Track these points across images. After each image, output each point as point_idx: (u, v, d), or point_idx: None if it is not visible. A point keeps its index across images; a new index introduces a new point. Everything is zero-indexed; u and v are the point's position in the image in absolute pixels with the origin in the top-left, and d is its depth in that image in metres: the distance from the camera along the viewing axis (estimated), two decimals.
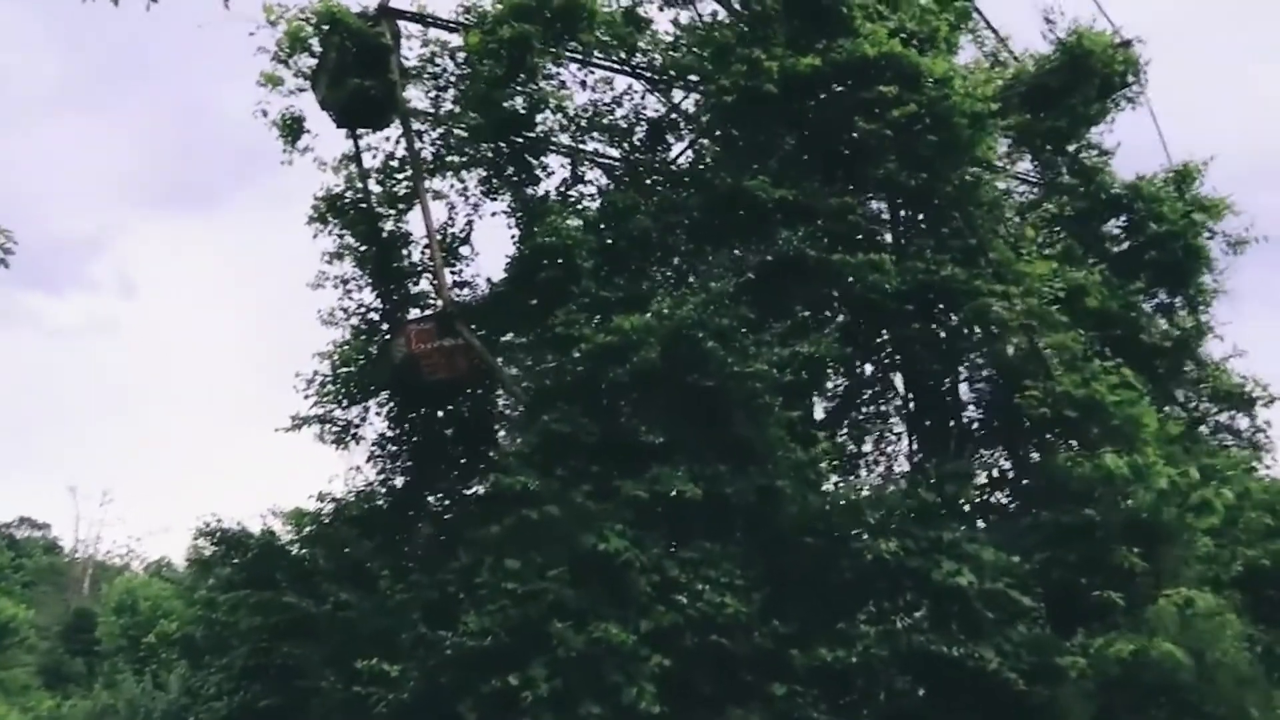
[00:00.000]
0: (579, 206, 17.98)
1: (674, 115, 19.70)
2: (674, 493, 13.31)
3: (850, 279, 16.84)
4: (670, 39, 19.82)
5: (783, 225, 17.14)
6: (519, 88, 17.13)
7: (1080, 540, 13.94)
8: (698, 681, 12.11)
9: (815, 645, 12.30)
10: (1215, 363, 22.31)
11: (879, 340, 17.93)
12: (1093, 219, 23.96)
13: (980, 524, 13.74)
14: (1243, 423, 22.39)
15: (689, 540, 13.57)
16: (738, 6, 19.61)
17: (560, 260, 16.16)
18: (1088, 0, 27.27)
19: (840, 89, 18.60)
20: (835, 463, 16.89)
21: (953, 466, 14.31)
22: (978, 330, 17.73)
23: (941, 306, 17.84)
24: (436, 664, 12.18)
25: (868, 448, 20.25)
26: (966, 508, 14.31)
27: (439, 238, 18.05)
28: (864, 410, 20.37)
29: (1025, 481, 17.04)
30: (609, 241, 16.78)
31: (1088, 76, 24.34)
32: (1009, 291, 17.06)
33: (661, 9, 20.80)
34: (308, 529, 17.15)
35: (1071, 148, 24.99)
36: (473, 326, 16.51)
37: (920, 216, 18.97)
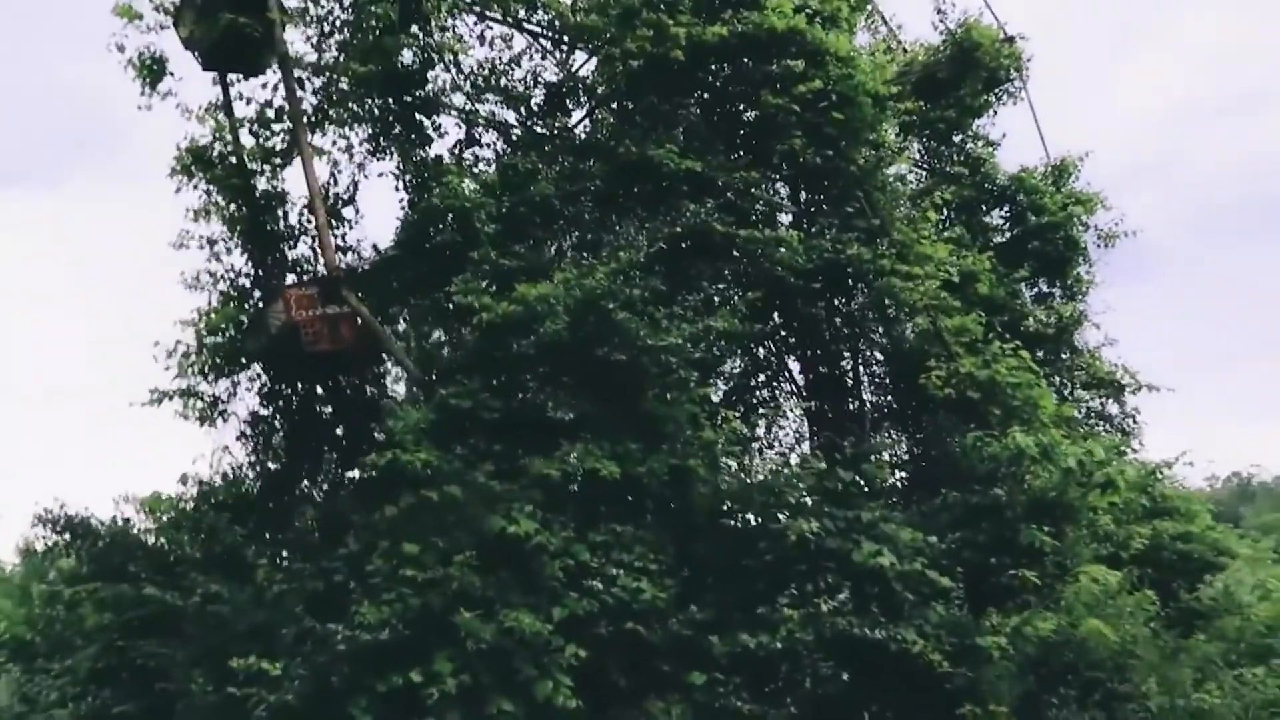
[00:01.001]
0: (475, 170, 16.86)
1: (573, 81, 18.79)
2: (584, 472, 12.50)
3: (758, 255, 16.46)
4: (569, 3, 18.98)
5: (688, 198, 16.58)
6: (411, 39, 15.88)
7: (989, 520, 13.88)
8: (613, 672, 11.34)
9: (735, 631, 11.73)
10: (1090, 350, 23.10)
11: (782, 319, 17.51)
12: (978, 208, 24.54)
13: (889, 505, 13.41)
14: (1113, 409, 23.30)
15: (597, 523, 12.76)
16: None
17: (457, 224, 15.05)
18: None
19: (746, 62, 18.16)
20: (735, 445, 16.45)
21: (868, 445, 13.99)
22: (879, 311, 17.62)
23: (847, 286, 17.66)
24: (325, 661, 10.97)
25: (760, 430, 19.95)
26: (872, 488, 14.00)
27: (321, 197, 16.60)
28: (758, 393, 20.04)
29: (924, 463, 16.99)
30: (507, 207, 15.72)
31: (975, 69, 24.90)
32: (912, 272, 16.99)
33: None
34: (168, 515, 15.45)
35: (958, 138, 25.57)
36: (358, 295, 15.18)
37: (821, 195, 18.68)
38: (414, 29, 16.12)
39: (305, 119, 16.88)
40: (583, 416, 13.26)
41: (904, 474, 17.34)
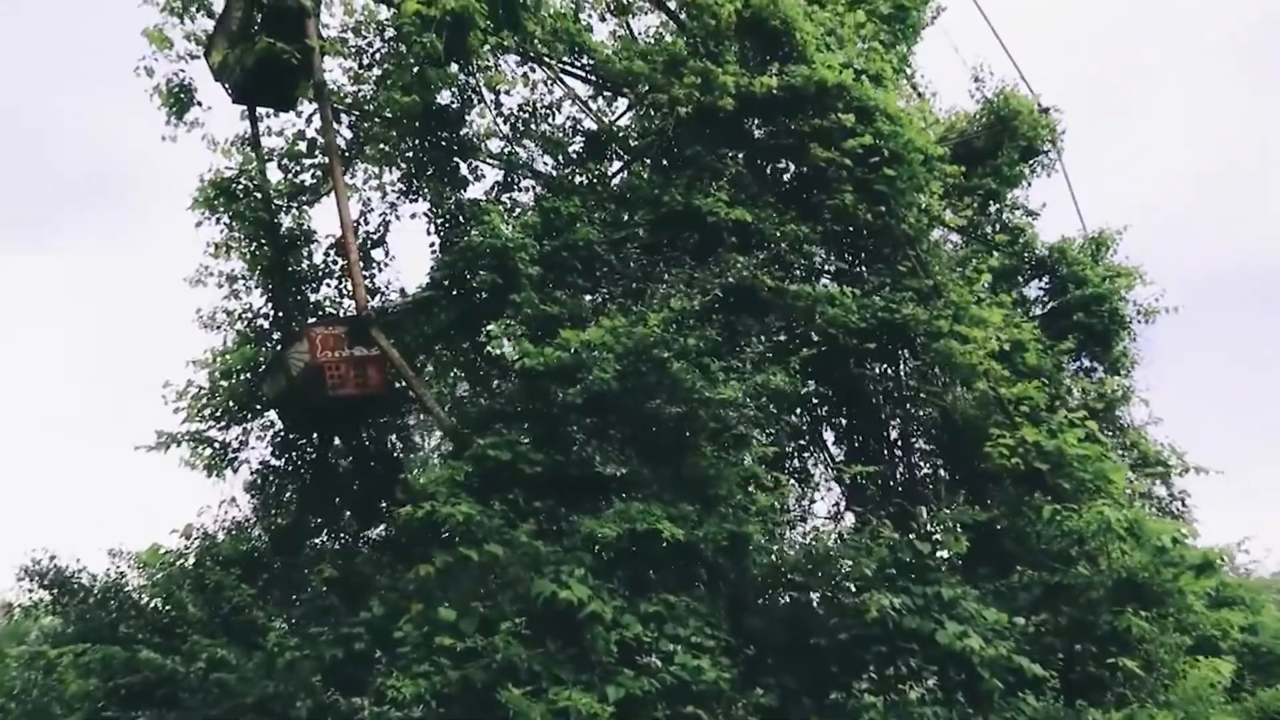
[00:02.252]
0: (515, 213, 16.00)
1: (613, 128, 18.09)
2: (637, 535, 11.30)
3: (810, 312, 15.56)
4: (612, 48, 18.42)
5: (735, 250, 15.76)
6: (453, 74, 15.12)
7: (1070, 601, 12.68)
8: None
9: (806, 718, 10.41)
10: (1136, 429, 22.09)
11: (821, 381, 16.52)
12: (1016, 278, 23.83)
13: (960, 582, 12.18)
14: (1160, 490, 22.19)
15: (645, 590, 11.52)
16: (687, 20, 18.30)
17: (496, 266, 14.08)
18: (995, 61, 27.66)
19: (793, 115, 17.53)
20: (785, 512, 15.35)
21: (952, 514, 12.83)
22: (934, 375, 16.65)
23: (898, 348, 16.71)
24: None
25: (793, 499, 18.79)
26: (945, 563, 12.80)
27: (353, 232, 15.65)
28: (792, 460, 18.94)
29: (988, 537, 15.79)
30: (549, 250, 14.79)
31: (1012, 139, 24.44)
32: (972, 335, 16.09)
33: (604, 18, 19.46)
34: (166, 571, 14.10)
35: (994, 207, 25.01)
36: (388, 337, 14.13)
37: (867, 253, 17.87)
38: (455, 65, 15.35)
39: (339, 152, 16.14)
40: (632, 473, 12.11)
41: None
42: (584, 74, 17.81)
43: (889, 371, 16.84)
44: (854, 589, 11.48)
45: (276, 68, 14.95)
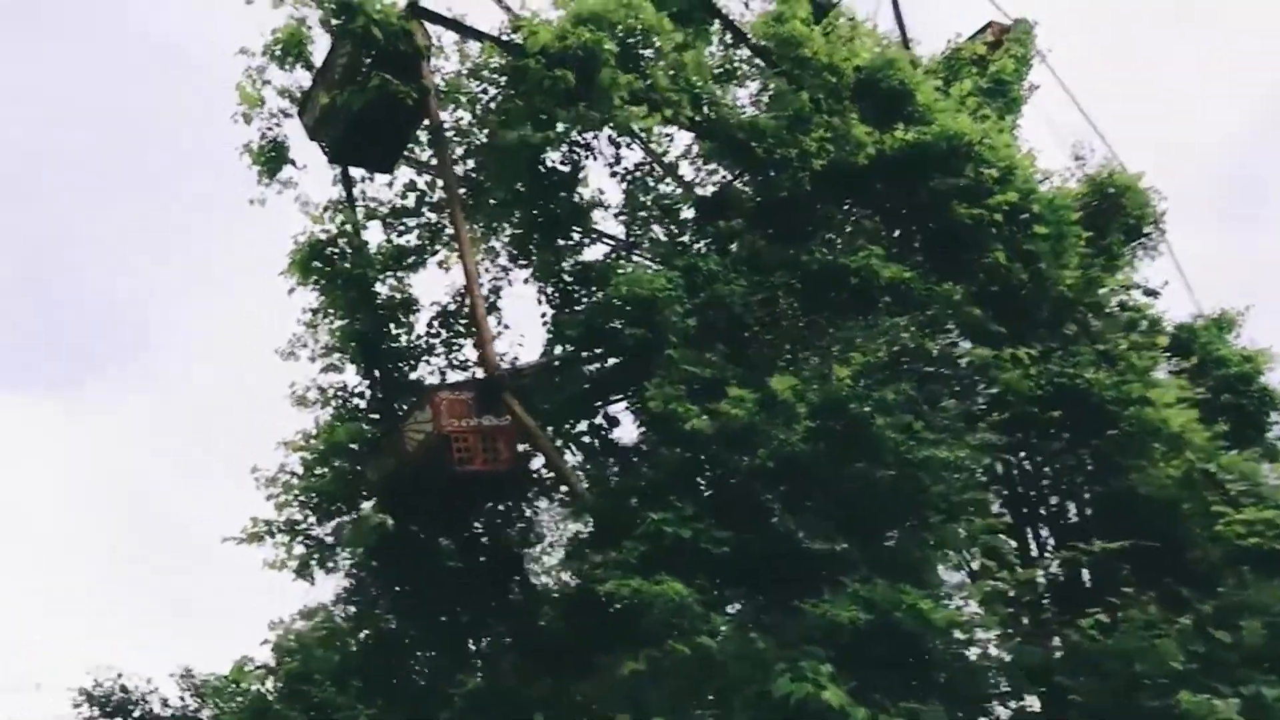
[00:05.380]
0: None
1: (740, 183, 16.60)
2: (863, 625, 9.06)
3: (987, 377, 13.71)
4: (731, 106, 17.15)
5: (888, 310, 14.03)
6: (582, 113, 13.56)
7: None
8: None
9: None
10: None
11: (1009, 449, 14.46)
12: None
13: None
14: None
15: (870, 692, 9.17)
16: (807, 79, 17.08)
17: (643, 321, 12.27)
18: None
19: (925, 173, 16.11)
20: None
21: (1242, 598, 10.56)
22: (1125, 446, 14.55)
23: (1080, 415, 14.68)
24: None
25: None
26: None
27: (462, 299, 13.97)
28: None
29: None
30: (695, 306, 13.00)
31: (1118, 216, 23.11)
32: (1164, 400, 14.16)
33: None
34: (249, 698, 11.76)
35: (1104, 289, 23.42)
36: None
37: (1025, 315, 16.10)
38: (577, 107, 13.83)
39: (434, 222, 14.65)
40: (840, 549, 9.95)
41: None
42: (703, 128, 16.41)
43: (1067, 442, 14.75)
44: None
45: (378, 125, 13.60)
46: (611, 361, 13.79)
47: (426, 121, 13.64)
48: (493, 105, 14.28)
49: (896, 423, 10.68)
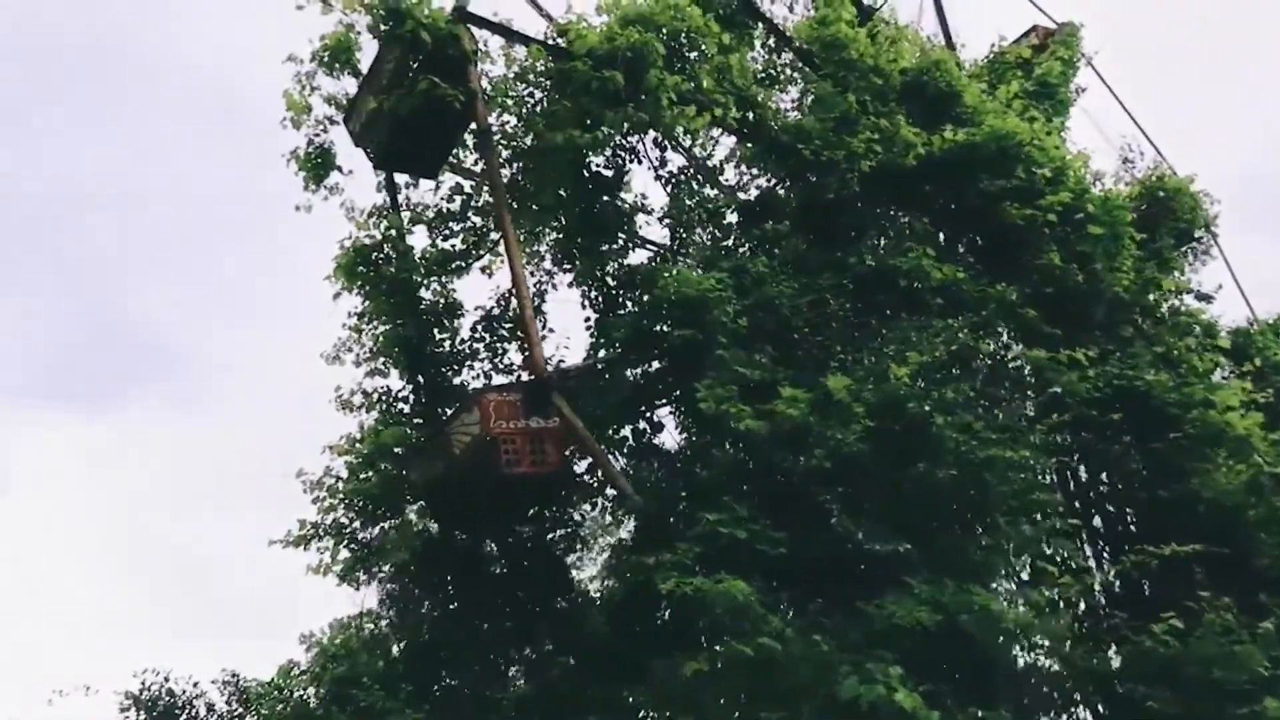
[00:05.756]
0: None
1: (784, 187, 16.39)
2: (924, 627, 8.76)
3: (1042, 379, 13.36)
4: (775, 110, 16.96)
5: (940, 312, 13.74)
6: (630, 113, 13.43)
7: None
8: None
9: None
10: None
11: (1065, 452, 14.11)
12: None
13: None
14: None
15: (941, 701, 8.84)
16: (853, 81, 16.87)
17: (692, 322, 12.08)
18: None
19: (974, 174, 15.83)
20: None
21: None
22: (1189, 451, 14.11)
23: (1142, 419, 14.27)
24: None
25: None
26: None
27: (506, 303, 13.87)
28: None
29: None
30: (744, 308, 12.79)
31: (1169, 220, 22.63)
32: (1225, 403, 13.72)
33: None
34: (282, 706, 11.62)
35: (1154, 294, 22.91)
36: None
37: (1080, 317, 15.73)
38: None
39: (479, 227, 14.57)
40: (901, 552, 9.66)
41: None
42: (747, 131, 16.24)
43: (1128, 446, 14.33)
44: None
45: (424, 129, 13.57)
46: (657, 366, 13.64)
47: (473, 125, 13.61)
48: (538, 109, 14.20)
49: (958, 422, 10.37)
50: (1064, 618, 10.62)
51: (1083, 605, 13.05)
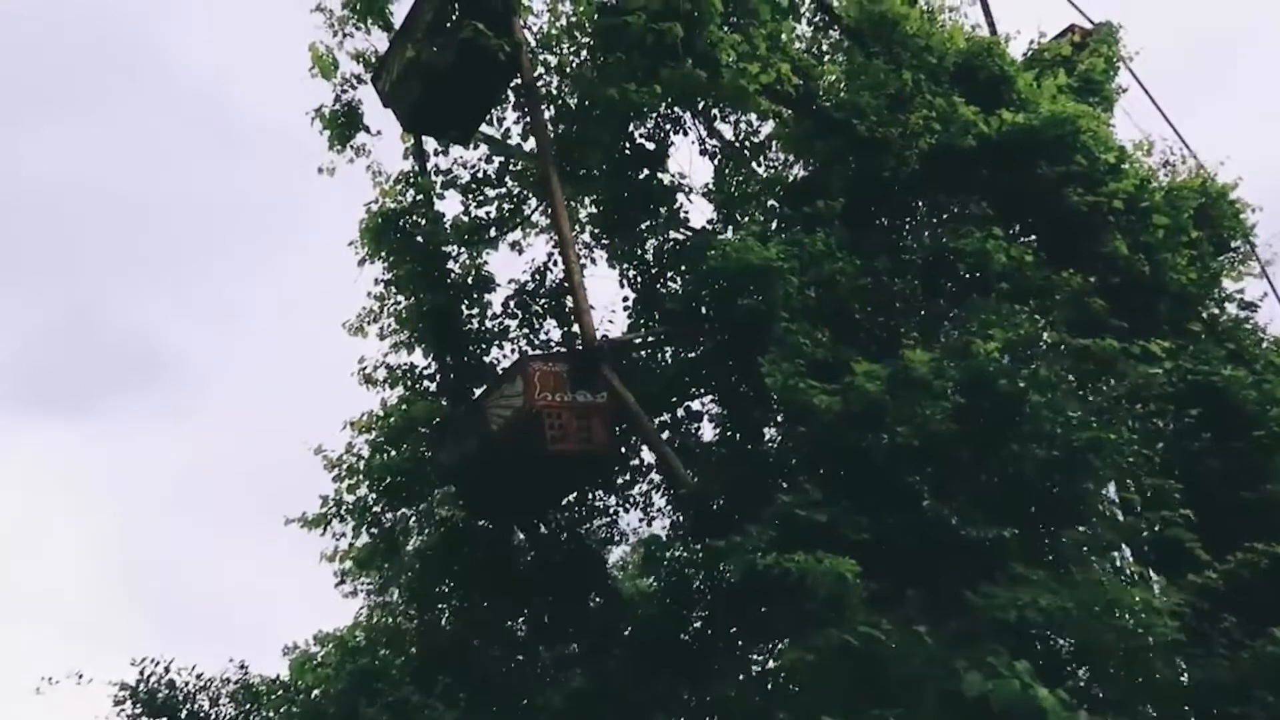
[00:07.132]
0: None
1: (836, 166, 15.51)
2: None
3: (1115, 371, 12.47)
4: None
5: (1004, 297, 12.87)
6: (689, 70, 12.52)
7: None
8: None
9: None
10: None
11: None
12: None
13: None
14: None
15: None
16: (908, 59, 16.06)
17: (755, 293, 11.14)
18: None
19: (1030, 159, 15.03)
20: None
21: None
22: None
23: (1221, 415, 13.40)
24: None
25: None
26: None
27: (542, 276, 12.90)
28: None
29: None
30: (806, 284, 11.87)
31: (1212, 227, 21.92)
32: None
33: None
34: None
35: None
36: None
37: (1146, 309, 14.90)
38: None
39: (517, 193, 13.62)
40: (1000, 538, 8.71)
41: None
42: (799, 103, 15.37)
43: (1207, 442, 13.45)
44: None
45: (461, 86, 12.64)
46: (703, 347, 12.72)
47: (514, 82, 12.71)
48: (585, 68, 13.29)
49: (1054, 402, 9.45)
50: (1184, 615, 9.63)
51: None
